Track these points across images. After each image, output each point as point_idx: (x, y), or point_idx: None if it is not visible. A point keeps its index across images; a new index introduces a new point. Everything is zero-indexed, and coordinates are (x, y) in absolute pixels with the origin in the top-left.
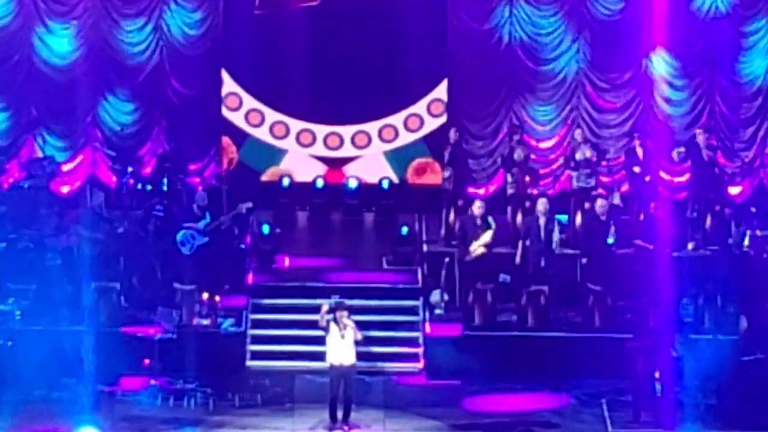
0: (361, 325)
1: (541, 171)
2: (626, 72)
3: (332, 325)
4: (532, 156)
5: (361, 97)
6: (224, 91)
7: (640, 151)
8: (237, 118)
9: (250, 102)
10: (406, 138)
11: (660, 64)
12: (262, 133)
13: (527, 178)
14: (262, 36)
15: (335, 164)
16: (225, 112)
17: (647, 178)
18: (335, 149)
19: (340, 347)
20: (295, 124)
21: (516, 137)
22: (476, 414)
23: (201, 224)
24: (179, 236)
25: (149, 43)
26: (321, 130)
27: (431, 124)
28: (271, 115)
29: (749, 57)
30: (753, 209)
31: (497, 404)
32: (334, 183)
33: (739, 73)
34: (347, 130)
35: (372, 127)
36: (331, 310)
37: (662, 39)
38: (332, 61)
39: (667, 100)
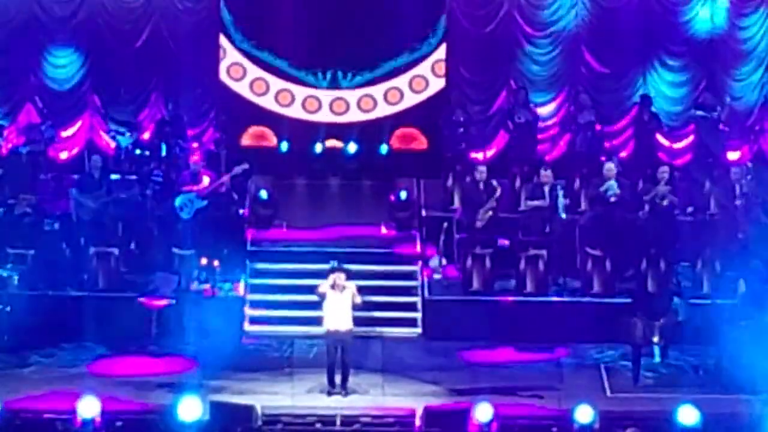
0: (359, 290)
1: (540, 135)
2: (626, 36)
3: (329, 290)
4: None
5: (348, 61)
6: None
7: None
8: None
9: (233, 55)
10: (384, 110)
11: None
12: (242, 88)
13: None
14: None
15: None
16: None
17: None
18: (313, 112)
19: (337, 312)
20: (276, 83)
21: (520, 98)
22: (474, 379)
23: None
24: (178, 201)
25: (146, 7)
26: (301, 91)
27: (412, 99)
28: (253, 71)
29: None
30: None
31: (495, 370)
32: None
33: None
34: (326, 95)
35: (351, 94)
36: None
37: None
38: (324, 23)
39: (666, 65)
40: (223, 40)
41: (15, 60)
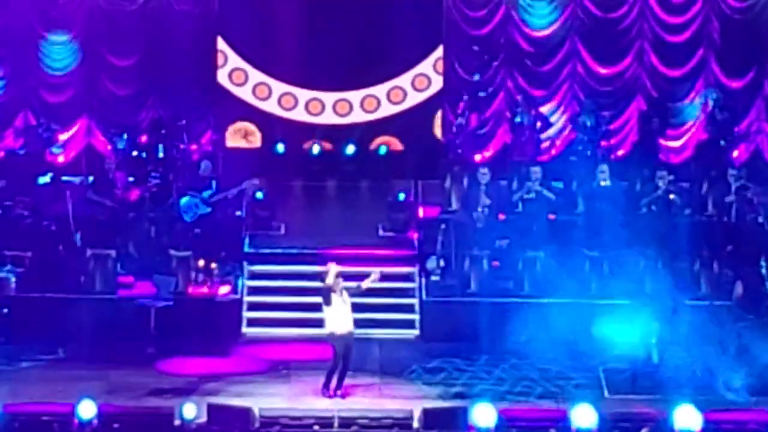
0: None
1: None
2: (622, 38)
3: (332, 295)
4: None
5: (348, 65)
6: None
7: None
8: (221, 76)
9: (235, 60)
10: (387, 110)
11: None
12: (244, 93)
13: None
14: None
15: None
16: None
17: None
18: (316, 115)
19: (340, 315)
20: (278, 87)
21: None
22: (471, 380)
23: (206, 194)
24: (183, 202)
25: (144, 9)
26: (303, 94)
27: (414, 98)
28: (255, 76)
29: None
30: None
31: (493, 371)
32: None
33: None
34: (330, 97)
35: (354, 96)
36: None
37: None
38: (323, 26)
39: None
40: (223, 45)
41: (12, 62)
